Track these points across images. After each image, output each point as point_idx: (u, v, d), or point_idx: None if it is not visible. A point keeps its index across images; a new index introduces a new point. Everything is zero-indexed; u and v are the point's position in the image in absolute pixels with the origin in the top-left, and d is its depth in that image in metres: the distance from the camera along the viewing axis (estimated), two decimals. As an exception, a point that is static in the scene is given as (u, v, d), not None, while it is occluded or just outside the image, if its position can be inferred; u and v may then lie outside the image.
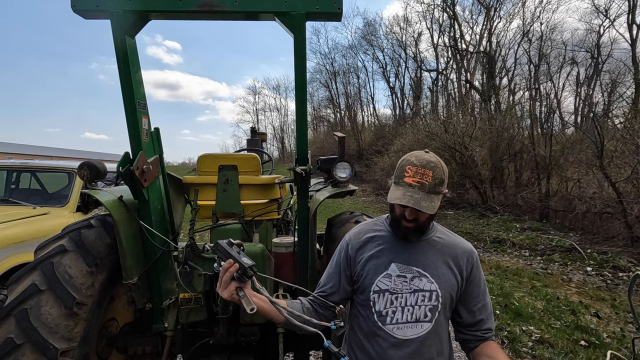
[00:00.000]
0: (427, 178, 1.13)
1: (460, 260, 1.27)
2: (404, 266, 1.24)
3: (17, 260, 3.35)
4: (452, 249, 1.28)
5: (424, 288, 1.22)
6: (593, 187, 8.79)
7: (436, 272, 1.24)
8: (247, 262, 1.12)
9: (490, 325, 1.28)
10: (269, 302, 1.20)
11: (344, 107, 40.53)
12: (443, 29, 27.08)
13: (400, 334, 1.21)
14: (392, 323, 1.22)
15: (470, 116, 16.65)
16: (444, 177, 1.16)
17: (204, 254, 1.93)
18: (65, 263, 1.69)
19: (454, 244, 1.30)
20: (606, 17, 16.97)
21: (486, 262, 6.94)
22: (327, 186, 2.23)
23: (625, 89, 14.78)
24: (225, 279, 1.12)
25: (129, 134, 1.78)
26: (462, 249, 1.29)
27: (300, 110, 1.84)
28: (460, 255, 1.28)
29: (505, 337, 3.77)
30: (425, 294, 1.22)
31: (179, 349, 2.12)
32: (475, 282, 1.28)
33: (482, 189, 12.83)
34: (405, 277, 1.23)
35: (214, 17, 1.76)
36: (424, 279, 1.23)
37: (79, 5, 1.62)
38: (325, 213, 9.58)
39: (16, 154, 23.23)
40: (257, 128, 4.02)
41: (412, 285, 1.22)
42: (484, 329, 1.27)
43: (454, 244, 1.30)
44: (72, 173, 4.33)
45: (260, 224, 2.71)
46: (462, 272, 1.26)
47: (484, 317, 1.28)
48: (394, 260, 1.25)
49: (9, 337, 1.48)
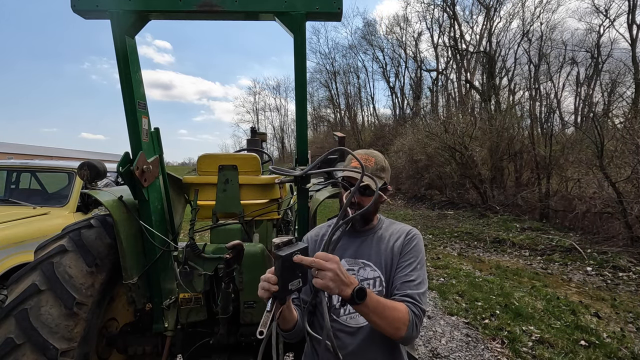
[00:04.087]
0: (370, 162, 1.34)
1: (399, 242, 1.34)
2: (352, 260, 1.35)
3: (17, 260, 3.34)
4: (394, 235, 1.37)
5: (368, 276, 1.31)
6: (593, 187, 8.78)
7: (379, 260, 1.32)
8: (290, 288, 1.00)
9: (409, 292, 1.21)
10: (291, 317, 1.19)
11: (344, 107, 40.55)
12: (443, 29, 27.08)
13: (353, 323, 1.29)
14: (345, 314, 1.30)
15: (470, 116, 16.63)
16: (384, 165, 1.37)
17: (204, 254, 1.93)
18: (65, 263, 1.69)
19: (396, 231, 1.39)
20: (606, 17, 16.96)
21: (486, 262, 6.94)
22: (327, 186, 2.23)
23: (625, 89, 14.76)
24: (262, 285, 1.03)
25: (129, 134, 1.78)
26: (401, 232, 1.37)
27: (300, 110, 1.84)
28: (400, 237, 1.35)
29: (505, 337, 3.77)
30: (369, 281, 1.30)
31: (179, 349, 2.12)
32: (404, 256, 1.31)
33: (482, 189, 12.83)
34: (353, 270, 1.33)
35: (214, 17, 1.76)
36: (367, 268, 1.33)
37: (79, 5, 1.62)
38: (325, 213, 9.58)
39: (16, 154, 23.23)
40: (257, 128, 4.02)
41: (358, 276, 1.32)
42: (401, 293, 1.22)
43: (396, 231, 1.39)
44: (72, 173, 4.33)
45: (260, 224, 2.71)
46: (400, 252, 1.32)
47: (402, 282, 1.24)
48: (344, 255, 1.36)
49: (9, 337, 1.48)
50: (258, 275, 1.93)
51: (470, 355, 3.45)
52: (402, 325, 1.12)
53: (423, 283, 1.25)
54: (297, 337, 1.27)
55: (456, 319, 4.30)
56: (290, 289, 1.00)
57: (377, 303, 1.08)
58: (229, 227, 2.24)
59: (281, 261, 0.98)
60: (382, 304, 1.09)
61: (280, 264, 0.98)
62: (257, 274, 1.95)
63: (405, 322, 1.12)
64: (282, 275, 0.98)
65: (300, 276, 1.01)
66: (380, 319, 1.09)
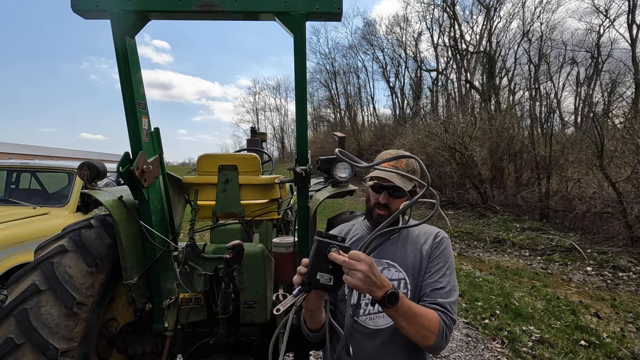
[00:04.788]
0: (401, 164, 1.28)
1: (427, 244, 1.31)
2: (375, 259, 1.28)
3: (17, 260, 3.34)
4: (421, 236, 1.34)
5: (392, 277, 1.27)
6: (593, 187, 8.79)
7: (404, 261, 1.28)
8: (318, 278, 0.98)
9: (440, 301, 1.18)
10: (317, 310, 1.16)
11: (344, 107, 40.60)
12: (443, 29, 27.09)
13: (372, 324, 1.25)
14: (365, 314, 1.26)
15: (470, 116, 16.63)
16: (415, 168, 1.30)
17: (204, 254, 1.93)
18: (65, 263, 1.69)
19: (423, 232, 1.36)
20: (606, 17, 16.96)
21: (486, 262, 6.94)
22: (327, 186, 2.23)
23: (625, 89, 14.76)
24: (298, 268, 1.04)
25: (129, 134, 1.78)
26: (429, 234, 1.34)
27: (300, 110, 1.84)
28: (427, 240, 1.32)
29: (505, 337, 3.77)
30: (394, 282, 1.24)
31: (179, 349, 2.12)
32: (432, 261, 1.28)
33: (482, 189, 12.83)
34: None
35: (214, 17, 1.76)
36: (392, 269, 1.28)
37: (79, 5, 1.62)
38: (325, 213, 9.59)
39: (16, 154, 23.22)
40: (257, 128, 4.02)
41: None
42: (430, 301, 1.19)
43: (423, 232, 1.36)
44: (72, 173, 4.33)
45: (260, 224, 2.71)
46: (428, 255, 1.29)
47: (431, 288, 1.22)
48: None
49: (9, 337, 1.48)
50: (258, 275, 1.95)
51: (470, 355, 3.45)
52: (431, 334, 1.10)
53: (453, 290, 1.22)
54: (321, 339, 1.26)
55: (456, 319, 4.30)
56: (319, 279, 0.98)
57: (408, 309, 1.06)
58: (229, 227, 2.24)
59: (316, 245, 0.99)
60: (413, 310, 1.07)
61: (314, 248, 0.99)
62: (257, 274, 1.95)
63: (435, 331, 1.10)
64: (313, 259, 0.98)
65: (332, 272, 0.99)
66: (409, 325, 1.07)
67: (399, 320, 1.07)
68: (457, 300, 1.23)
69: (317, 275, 0.98)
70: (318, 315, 1.18)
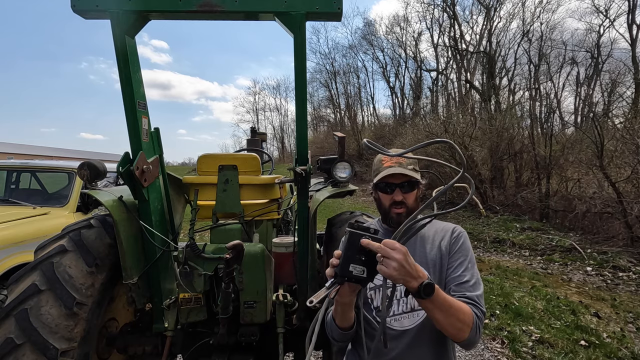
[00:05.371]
0: (402, 160, 1.30)
1: (445, 240, 1.30)
2: None
3: (17, 260, 3.35)
4: (438, 233, 1.33)
5: None
6: (593, 187, 8.79)
7: (425, 260, 1.27)
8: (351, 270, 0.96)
9: (468, 295, 1.16)
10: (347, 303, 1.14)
11: (344, 107, 40.58)
12: (443, 29, 27.11)
13: (397, 325, 1.23)
14: (389, 316, 1.24)
15: (470, 116, 16.63)
16: (416, 162, 1.34)
17: (204, 254, 1.93)
18: (65, 263, 1.69)
19: (440, 229, 1.35)
20: (606, 17, 16.98)
21: (486, 262, 6.94)
22: (327, 186, 2.23)
23: (625, 89, 14.75)
24: (330, 261, 1.03)
25: (129, 134, 1.78)
26: (445, 230, 1.34)
27: (300, 110, 1.84)
28: (445, 236, 1.32)
29: (505, 337, 3.77)
30: None
31: (179, 349, 2.12)
32: (453, 256, 1.27)
33: (482, 188, 12.83)
34: None
35: (214, 17, 1.76)
36: None
37: (79, 5, 1.62)
38: (325, 213, 9.58)
39: (16, 154, 23.23)
40: (257, 128, 4.02)
41: None
42: (459, 294, 1.18)
43: (440, 229, 1.35)
44: (72, 173, 4.33)
45: (260, 224, 2.71)
46: (448, 251, 1.28)
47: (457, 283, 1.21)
48: None
49: (9, 337, 1.48)
50: (258, 275, 1.95)
51: (470, 355, 3.45)
52: (466, 327, 1.08)
53: (478, 283, 1.21)
54: (348, 339, 1.24)
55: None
56: (351, 271, 0.96)
57: (444, 300, 1.03)
58: (229, 227, 2.24)
59: (348, 236, 0.97)
60: (448, 302, 1.05)
61: (346, 239, 0.97)
62: (257, 274, 1.95)
63: (469, 325, 1.08)
64: (346, 250, 0.96)
65: (365, 264, 0.97)
66: (445, 318, 1.05)
67: (434, 313, 1.04)
68: (483, 294, 1.21)
69: (349, 267, 0.96)
70: (349, 311, 1.16)
